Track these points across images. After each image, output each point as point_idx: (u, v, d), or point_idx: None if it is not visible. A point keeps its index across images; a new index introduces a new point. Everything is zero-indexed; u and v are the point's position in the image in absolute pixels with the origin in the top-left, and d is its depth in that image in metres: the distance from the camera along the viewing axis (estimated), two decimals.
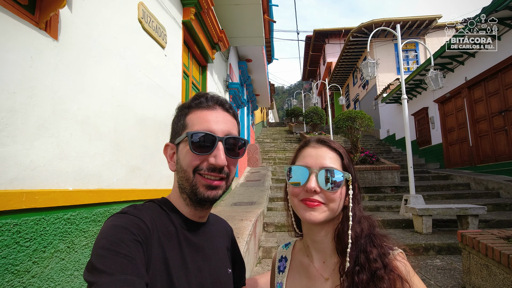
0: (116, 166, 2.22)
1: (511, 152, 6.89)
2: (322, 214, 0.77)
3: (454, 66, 8.62)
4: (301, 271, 0.88)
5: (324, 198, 0.78)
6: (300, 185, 0.80)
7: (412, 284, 0.70)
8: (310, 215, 0.77)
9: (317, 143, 0.86)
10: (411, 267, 0.75)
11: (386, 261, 0.73)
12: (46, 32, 1.59)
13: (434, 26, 14.33)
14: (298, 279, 0.87)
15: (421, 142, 11.23)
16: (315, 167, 0.79)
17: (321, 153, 0.82)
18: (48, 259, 1.51)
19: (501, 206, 5.64)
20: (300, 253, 0.91)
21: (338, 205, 0.80)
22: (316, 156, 0.82)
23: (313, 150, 0.84)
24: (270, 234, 4.67)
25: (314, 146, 0.85)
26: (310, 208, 0.77)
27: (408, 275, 0.72)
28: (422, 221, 4.48)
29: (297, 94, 26.39)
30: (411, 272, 0.73)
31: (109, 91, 2.18)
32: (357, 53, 16.63)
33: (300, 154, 0.86)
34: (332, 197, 0.78)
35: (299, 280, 0.87)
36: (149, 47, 2.90)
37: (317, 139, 0.87)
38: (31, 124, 1.47)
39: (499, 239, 2.54)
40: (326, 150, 0.83)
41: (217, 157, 0.75)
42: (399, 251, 0.78)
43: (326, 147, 0.84)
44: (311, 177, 0.78)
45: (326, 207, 0.78)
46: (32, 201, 1.41)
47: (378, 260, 0.73)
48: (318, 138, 0.88)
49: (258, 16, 5.68)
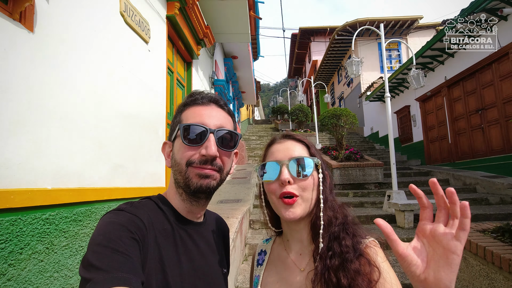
0: (98, 164, 2.16)
1: (487, 149, 7.19)
2: (299, 209, 0.80)
3: (434, 65, 8.88)
4: (278, 264, 0.90)
5: (298, 189, 0.80)
6: (274, 180, 0.82)
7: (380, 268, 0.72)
8: (289, 212, 0.79)
9: (283, 138, 0.90)
10: (383, 254, 0.77)
11: (358, 247, 0.76)
12: (20, 24, 1.51)
13: (416, 26, 14.70)
14: (274, 272, 0.89)
15: (403, 140, 11.54)
16: (285, 159, 0.83)
17: (288, 146, 0.86)
18: (25, 261, 1.45)
19: (477, 201, 5.88)
20: (279, 247, 0.94)
21: (311, 193, 0.82)
22: (283, 149, 0.86)
23: (280, 145, 0.88)
24: (257, 231, 4.68)
25: (280, 142, 0.89)
26: (288, 206, 0.80)
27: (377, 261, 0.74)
28: (404, 216, 4.61)
29: (283, 92, 26.50)
30: (382, 258, 0.75)
31: (90, 87, 2.10)
32: (342, 52, 16.86)
33: (269, 152, 0.90)
34: (305, 185, 0.81)
35: (276, 273, 0.89)
36: (132, 41, 2.82)
37: (282, 135, 0.92)
38: (5, 120, 1.40)
39: (476, 232, 2.65)
40: (292, 142, 0.88)
41: (208, 148, 0.75)
42: (371, 239, 0.80)
43: (291, 140, 0.89)
44: (283, 169, 0.81)
45: (301, 199, 0.81)
46: (7, 201, 1.34)
47: (350, 246, 0.76)
48: (283, 134, 0.92)
49: (244, 12, 5.64)
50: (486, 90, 7.10)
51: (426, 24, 15.25)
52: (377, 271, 0.72)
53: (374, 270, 0.72)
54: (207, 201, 0.84)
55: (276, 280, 0.87)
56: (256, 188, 6.99)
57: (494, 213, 4.89)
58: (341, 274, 0.71)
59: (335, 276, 0.72)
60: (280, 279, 0.86)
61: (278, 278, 0.87)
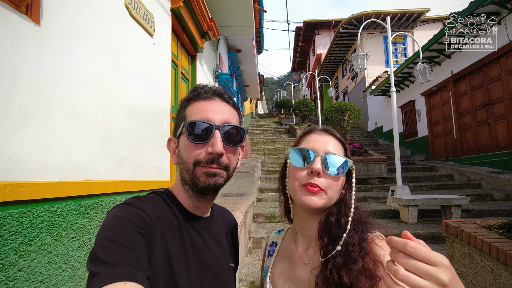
0: (104, 157, 2.17)
1: (493, 145, 7.13)
2: (321, 200, 0.78)
3: (441, 59, 8.76)
4: (286, 256, 0.91)
5: (324, 184, 0.78)
6: (303, 168, 0.80)
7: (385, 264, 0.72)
8: (309, 199, 0.78)
9: (323, 131, 0.89)
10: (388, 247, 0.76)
11: (364, 245, 0.76)
12: (27, 16, 1.51)
13: (423, 19, 14.47)
14: (282, 264, 0.90)
15: (408, 134, 11.46)
16: (321, 151, 0.81)
17: (327, 140, 0.84)
18: (34, 253, 1.47)
19: (482, 197, 5.85)
20: (289, 239, 0.94)
21: (336, 194, 0.81)
22: (322, 141, 0.84)
23: (319, 136, 0.86)
24: (260, 225, 4.71)
25: (319, 133, 0.88)
26: (310, 193, 0.78)
27: (383, 258, 0.74)
28: (408, 211, 4.61)
29: (287, 86, 26.35)
30: (388, 252, 0.74)
31: (96, 80, 2.10)
32: (347, 45, 16.67)
33: (305, 139, 0.88)
34: (333, 184, 0.79)
35: (283, 265, 0.90)
36: (137, 34, 2.81)
37: (322, 128, 0.90)
38: (13, 113, 1.40)
39: (481, 228, 2.64)
40: (331, 138, 0.86)
41: (214, 145, 0.74)
42: (377, 233, 0.80)
43: (331, 136, 0.87)
44: (317, 159, 0.79)
45: (326, 194, 0.79)
46: (16, 194, 1.36)
47: (356, 244, 0.75)
48: (323, 127, 0.91)
49: (249, 5, 5.58)
50: (494, 84, 7.00)
51: (433, 17, 14.99)
52: (381, 268, 0.71)
53: (379, 267, 0.72)
54: (213, 197, 0.84)
55: (283, 272, 0.88)
56: (259, 182, 7.01)
57: (499, 209, 4.87)
58: (344, 273, 0.72)
59: (337, 274, 0.72)
60: (287, 271, 0.87)
61: (285, 271, 0.88)
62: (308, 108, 14.88)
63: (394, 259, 0.47)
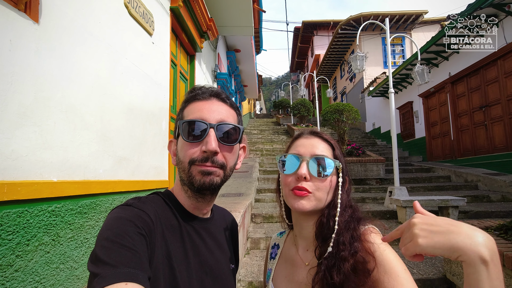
0: (102, 156, 2.16)
1: (490, 146, 7.17)
2: (310, 203, 0.80)
3: (439, 61, 8.80)
4: (288, 259, 0.92)
5: (312, 186, 0.80)
6: (291, 174, 0.82)
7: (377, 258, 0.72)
8: (298, 203, 0.80)
9: (310, 134, 0.90)
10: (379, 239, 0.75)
11: (355, 243, 0.76)
12: (26, 14, 1.50)
13: (421, 21, 14.53)
14: (284, 267, 0.91)
15: (405, 136, 11.50)
16: (307, 155, 0.83)
17: (313, 143, 0.86)
18: (32, 253, 1.46)
19: (479, 198, 5.88)
20: (290, 242, 0.95)
21: (326, 195, 0.82)
22: (308, 145, 0.85)
23: (306, 140, 0.87)
24: (258, 225, 4.70)
25: (306, 137, 0.89)
26: (299, 197, 0.80)
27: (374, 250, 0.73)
28: (406, 212, 4.62)
29: (285, 86, 26.39)
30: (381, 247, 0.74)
31: (95, 79, 2.09)
32: (345, 46, 16.70)
33: (293, 145, 0.90)
34: (321, 186, 0.81)
35: (285, 268, 0.90)
36: (136, 33, 2.80)
37: (310, 131, 0.91)
38: (12, 112, 1.39)
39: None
40: (318, 140, 0.87)
41: (208, 143, 0.74)
42: (369, 226, 0.80)
43: (318, 138, 0.88)
44: (302, 164, 0.81)
45: (314, 196, 0.80)
46: (14, 193, 1.35)
47: (346, 243, 0.76)
48: (311, 130, 0.91)
49: (248, 5, 5.58)
50: (491, 86, 7.04)
51: (431, 19, 15.06)
52: (372, 261, 0.72)
53: (371, 261, 0.72)
54: (213, 197, 0.84)
55: (285, 274, 0.89)
56: (257, 182, 7.01)
57: (495, 210, 4.90)
58: (335, 274, 0.73)
59: (329, 275, 0.73)
60: (289, 273, 0.88)
61: (287, 273, 0.89)
62: (306, 109, 14.88)
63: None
